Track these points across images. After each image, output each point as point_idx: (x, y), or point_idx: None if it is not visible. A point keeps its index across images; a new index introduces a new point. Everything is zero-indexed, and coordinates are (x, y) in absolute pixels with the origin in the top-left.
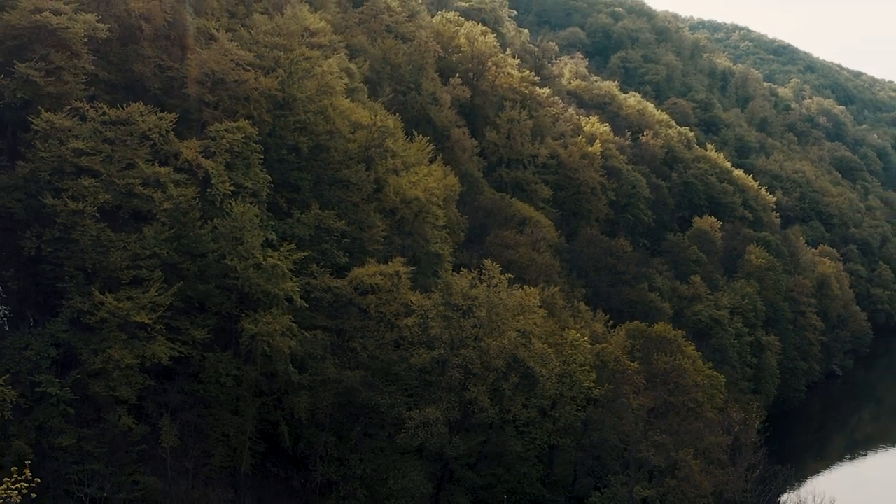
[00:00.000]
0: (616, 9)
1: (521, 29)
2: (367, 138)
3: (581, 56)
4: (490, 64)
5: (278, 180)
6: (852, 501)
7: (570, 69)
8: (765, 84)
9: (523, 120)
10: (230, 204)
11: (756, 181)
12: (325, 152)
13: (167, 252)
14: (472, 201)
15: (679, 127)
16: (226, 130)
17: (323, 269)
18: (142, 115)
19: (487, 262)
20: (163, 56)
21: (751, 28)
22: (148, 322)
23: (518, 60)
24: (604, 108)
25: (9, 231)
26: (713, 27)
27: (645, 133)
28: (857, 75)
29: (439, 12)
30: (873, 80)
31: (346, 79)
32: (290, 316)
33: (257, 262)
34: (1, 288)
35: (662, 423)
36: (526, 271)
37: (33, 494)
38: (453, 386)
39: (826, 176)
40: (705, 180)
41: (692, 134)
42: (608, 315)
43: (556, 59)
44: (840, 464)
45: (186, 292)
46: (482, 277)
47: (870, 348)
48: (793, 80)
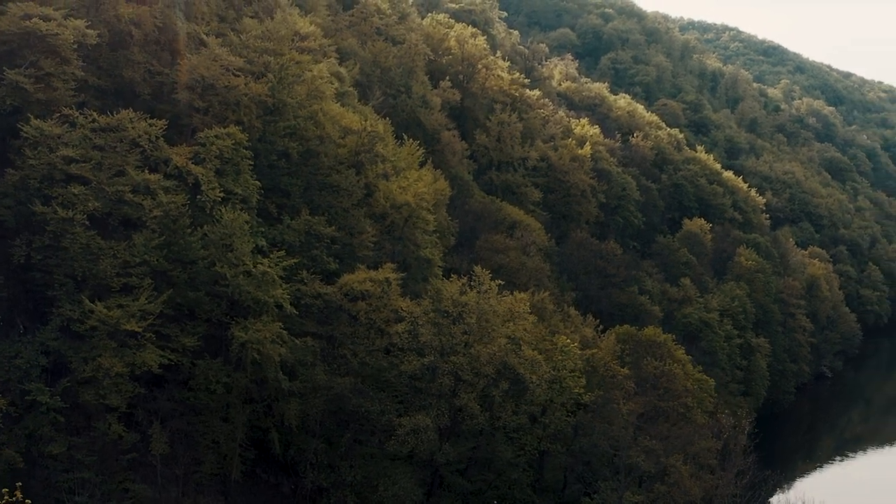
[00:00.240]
0: (606, 10)
1: (512, 30)
2: (357, 143)
3: (571, 57)
4: (480, 66)
5: (268, 186)
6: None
7: (560, 71)
8: (755, 85)
9: (513, 123)
10: (220, 210)
11: (746, 182)
12: (315, 157)
13: (157, 259)
14: (462, 205)
15: (669, 128)
16: (216, 137)
17: (313, 276)
18: (131, 122)
19: (477, 269)
20: (152, 61)
21: (741, 29)
22: (138, 330)
23: (508, 63)
24: (594, 110)
25: None
26: (703, 28)
27: (635, 135)
28: (847, 76)
29: (429, 14)
30: (863, 81)
31: (336, 83)
32: (280, 323)
33: (247, 269)
34: None
35: (652, 429)
36: (516, 275)
37: None
38: (443, 393)
39: (816, 177)
40: (695, 182)
41: (682, 135)
42: (598, 319)
43: (546, 61)
44: (829, 465)
45: (176, 300)
46: (472, 284)
47: (859, 349)
48: (782, 81)
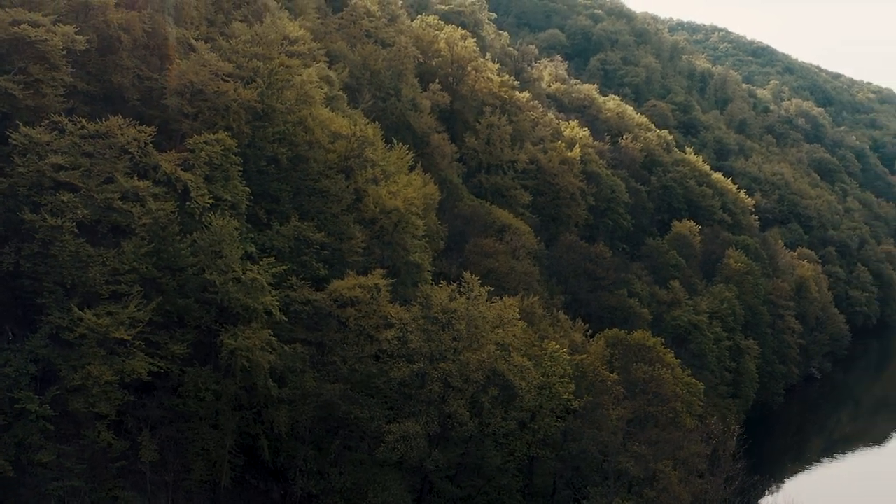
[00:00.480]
0: (595, 10)
1: (501, 32)
2: (347, 148)
3: (560, 59)
4: (470, 69)
5: (257, 191)
6: None
7: (550, 72)
8: (744, 86)
9: (503, 125)
10: (209, 217)
11: (735, 184)
12: (305, 163)
13: (146, 267)
14: (452, 208)
15: (658, 130)
16: (205, 143)
17: (302, 282)
18: (121, 129)
19: (467, 275)
20: (142, 66)
21: (730, 29)
22: (127, 338)
23: (498, 64)
24: (583, 112)
25: None
26: (692, 28)
27: (624, 137)
28: (836, 77)
29: (419, 16)
30: (851, 82)
31: (326, 87)
32: (270, 330)
33: (237, 276)
34: None
35: (641, 434)
36: (505, 280)
37: None
38: (433, 399)
39: (805, 178)
40: (684, 184)
41: (671, 137)
42: (587, 322)
43: (536, 62)
44: (818, 466)
45: (165, 307)
46: (462, 290)
47: (848, 350)
48: (772, 82)
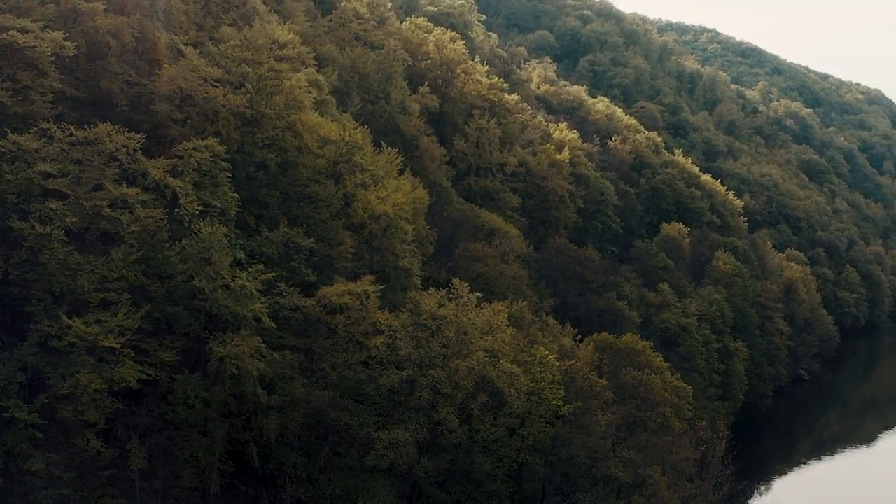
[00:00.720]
0: (584, 11)
1: (490, 33)
2: (336, 153)
3: (549, 60)
4: (459, 71)
5: (246, 197)
6: None
7: (539, 74)
8: (732, 87)
9: (492, 128)
10: (198, 224)
11: (724, 185)
12: (294, 168)
13: (135, 274)
14: (441, 212)
15: (647, 132)
16: (194, 149)
17: (291, 288)
18: (109, 136)
19: (456, 281)
20: (131, 72)
21: (719, 30)
22: (116, 346)
23: (487, 66)
24: (572, 114)
25: None
26: (681, 29)
27: (613, 138)
28: (825, 77)
29: (408, 18)
30: (840, 83)
31: (315, 92)
32: (259, 337)
33: (226, 283)
34: None
35: (630, 439)
36: (494, 284)
37: None
38: (422, 406)
39: (793, 179)
40: (673, 186)
41: (660, 139)
42: (576, 325)
43: (525, 64)
44: (807, 467)
45: (154, 314)
46: (451, 296)
47: (836, 352)
48: (760, 83)
